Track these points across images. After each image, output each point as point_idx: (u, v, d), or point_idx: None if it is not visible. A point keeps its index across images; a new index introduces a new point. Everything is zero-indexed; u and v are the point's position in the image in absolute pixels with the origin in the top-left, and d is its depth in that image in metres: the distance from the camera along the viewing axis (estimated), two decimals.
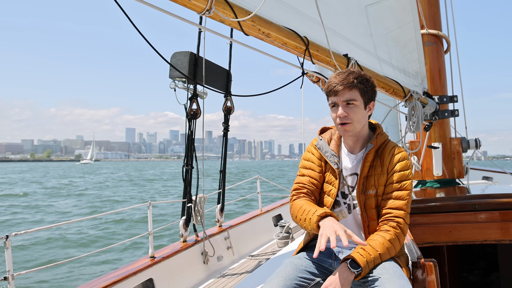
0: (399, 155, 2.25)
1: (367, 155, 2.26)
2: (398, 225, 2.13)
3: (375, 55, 3.92)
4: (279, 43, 2.76)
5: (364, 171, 2.26)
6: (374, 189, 2.24)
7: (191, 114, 4.25)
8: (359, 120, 2.23)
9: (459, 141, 5.50)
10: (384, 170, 2.24)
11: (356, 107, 2.20)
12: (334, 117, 2.24)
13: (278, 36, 2.70)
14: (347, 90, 2.18)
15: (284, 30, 2.76)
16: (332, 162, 2.33)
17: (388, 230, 2.13)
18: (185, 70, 4.07)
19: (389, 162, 2.24)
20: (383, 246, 2.07)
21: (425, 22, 5.47)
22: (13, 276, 2.74)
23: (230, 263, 4.84)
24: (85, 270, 10.43)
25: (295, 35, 2.84)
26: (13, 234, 2.82)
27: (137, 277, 3.60)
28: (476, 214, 3.66)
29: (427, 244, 3.69)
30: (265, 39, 2.67)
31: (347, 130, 2.22)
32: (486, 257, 5.32)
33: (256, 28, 2.53)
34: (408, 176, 2.21)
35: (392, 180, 2.21)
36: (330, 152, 2.36)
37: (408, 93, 4.36)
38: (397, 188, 2.20)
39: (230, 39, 2.92)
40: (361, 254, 2.01)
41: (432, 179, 5.42)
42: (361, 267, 1.97)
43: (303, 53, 2.92)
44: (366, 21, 3.76)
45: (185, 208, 4.39)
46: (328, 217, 2.05)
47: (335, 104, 2.22)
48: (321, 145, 2.40)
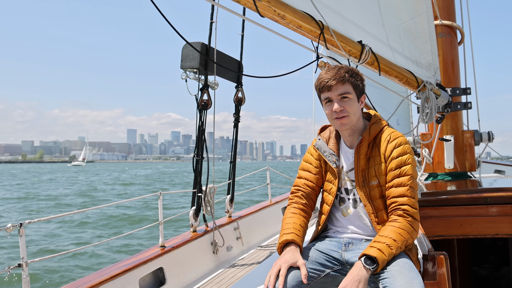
0: (395, 141, 2.23)
1: (359, 147, 2.27)
2: (406, 212, 2.11)
3: (387, 45, 3.87)
4: (294, 26, 2.72)
5: (361, 164, 2.26)
6: (376, 180, 2.23)
7: (201, 105, 4.26)
8: (355, 112, 2.25)
9: (472, 134, 5.44)
10: (382, 159, 2.24)
11: (351, 100, 2.23)
12: (329, 112, 2.25)
13: (293, 18, 2.65)
14: (340, 84, 2.22)
15: (300, 12, 2.72)
16: (331, 161, 2.35)
17: (396, 219, 2.11)
18: (196, 61, 4.07)
19: (385, 150, 2.24)
20: (395, 234, 2.04)
21: (439, 13, 5.39)
22: (27, 263, 2.79)
23: (239, 254, 4.87)
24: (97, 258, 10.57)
25: (310, 18, 2.80)
26: (26, 222, 2.87)
27: (147, 266, 3.64)
28: (487, 208, 3.63)
29: (438, 237, 3.67)
30: (280, 21, 2.63)
31: (344, 123, 2.23)
32: (497, 251, 5.28)
33: (272, 9, 2.49)
34: (407, 161, 2.18)
35: (391, 168, 2.20)
36: (328, 151, 2.38)
37: (422, 83, 4.31)
38: (397, 175, 2.18)
39: (243, 17, 2.88)
40: (374, 246, 2.00)
41: (444, 172, 5.37)
42: (376, 263, 1.96)
43: (317, 37, 2.88)
44: (378, 11, 3.71)
45: (195, 198, 4.42)
46: (287, 248, 2.13)
47: (329, 99, 2.24)
48: (320, 145, 2.43)
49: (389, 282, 1.91)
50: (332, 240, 2.31)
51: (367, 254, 1.98)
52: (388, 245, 2.00)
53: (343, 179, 2.35)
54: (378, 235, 2.09)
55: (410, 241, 2.10)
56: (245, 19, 2.71)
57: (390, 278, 1.93)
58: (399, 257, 2.04)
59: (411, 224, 2.10)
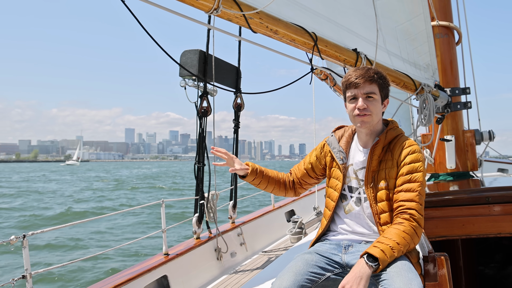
0: (409, 148, 2.26)
1: (374, 148, 2.30)
2: (412, 217, 2.12)
3: (384, 49, 3.89)
4: (287, 40, 2.77)
5: (373, 165, 2.29)
6: (385, 182, 2.25)
7: (201, 112, 4.28)
8: (377, 113, 2.29)
9: (472, 133, 5.44)
10: (394, 164, 2.26)
11: (375, 101, 2.27)
12: (352, 108, 2.29)
13: (286, 32, 2.70)
14: (368, 83, 2.26)
15: (292, 26, 2.76)
16: (338, 158, 2.41)
17: (401, 222, 2.12)
18: (195, 68, 4.09)
19: (398, 155, 2.26)
20: (399, 237, 2.05)
21: (436, 13, 5.40)
22: (31, 275, 2.80)
23: (243, 259, 4.87)
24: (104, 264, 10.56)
25: (303, 31, 2.84)
26: (30, 234, 2.89)
27: (151, 274, 3.64)
28: (489, 207, 3.62)
29: (441, 237, 3.67)
30: (273, 36, 2.68)
31: (365, 121, 2.26)
32: (503, 250, 5.26)
33: (264, 25, 2.54)
34: (419, 168, 2.22)
35: (402, 173, 2.23)
36: (337, 148, 2.44)
37: (419, 86, 4.32)
38: (408, 180, 2.20)
39: (238, 37, 2.93)
40: (377, 247, 2.02)
41: (445, 172, 5.37)
42: (378, 261, 1.97)
43: (311, 49, 2.92)
44: (374, 15, 3.74)
45: (198, 205, 4.43)
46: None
47: (354, 96, 2.28)
48: (331, 141, 2.50)
49: (388, 283, 1.93)
50: (332, 243, 2.33)
51: (369, 252, 2.00)
52: (391, 247, 2.01)
53: (348, 177, 2.39)
54: (382, 236, 2.10)
55: (412, 246, 2.12)
56: (240, 38, 2.76)
57: (388, 280, 1.94)
58: (399, 259, 2.06)
59: (415, 229, 2.11)
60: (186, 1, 2.12)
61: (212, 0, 2.17)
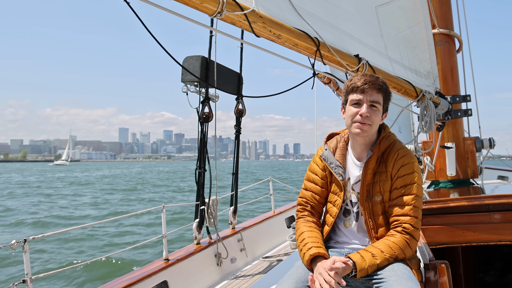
0: (402, 160, 2.23)
1: (368, 163, 2.26)
2: (404, 230, 2.12)
3: (386, 56, 3.91)
4: (290, 44, 2.77)
5: (367, 179, 2.26)
6: (380, 196, 2.23)
7: (203, 118, 4.29)
8: (377, 124, 2.24)
9: (473, 140, 5.45)
10: (388, 176, 2.24)
11: (378, 111, 2.22)
12: (353, 113, 2.21)
13: (289, 37, 2.71)
14: (376, 91, 2.20)
15: (295, 31, 2.77)
16: (337, 174, 2.33)
17: (393, 234, 2.14)
18: (197, 74, 4.11)
19: (392, 167, 2.23)
20: (385, 246, 2.09)
21: (437, 21, 5.43)
22: (31, 279, 2.80)
23: (243, 265, 4.86)
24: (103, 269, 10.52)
25: (306, 36, 2.85)
26: (30, 238, 2.89)
27: (151, 280, 3.64)
28: (490, 215, 3.63)
29: (441, 245, 3.67)
30: (276, 41, 2.69)
31: (364, 131, 2.20)
32: (503, 257, 5.25)
33: (267, 30, 2.55)
34: (413, 180, 2.19)
35: (396, 186, 2.21)
36: (335, 163, 2.35)
37: (420, 93, 4.34)
38: (402, 194, 2.19)
39: (241, 40, 2.94)
40: (359, 253, 2.07)
41: (446, 180, 5.37)
42: (357, 269, 2.01)
43: (314, 54, 2.93)
44: (377, 22, 3.76)
45: (198, 211, 4.43)
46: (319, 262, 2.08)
47: (359, 102, 2.20)
48: (326, 155, 2.40)
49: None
50: (333, 250, 2.32)
51: (350, 257, 2.05)
52: (373, 254, 2.04)
53: (348, 191, 2.34)
54: (370, 245, 2.14)
55: (401, 256, 2.11)
56: (243, 42, 2.78)
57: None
58: (398, 266, 2.06)
59: (408, 241, 2.11)
60: (190, 4, 2.13)
61: (216, 4, 2.18)
